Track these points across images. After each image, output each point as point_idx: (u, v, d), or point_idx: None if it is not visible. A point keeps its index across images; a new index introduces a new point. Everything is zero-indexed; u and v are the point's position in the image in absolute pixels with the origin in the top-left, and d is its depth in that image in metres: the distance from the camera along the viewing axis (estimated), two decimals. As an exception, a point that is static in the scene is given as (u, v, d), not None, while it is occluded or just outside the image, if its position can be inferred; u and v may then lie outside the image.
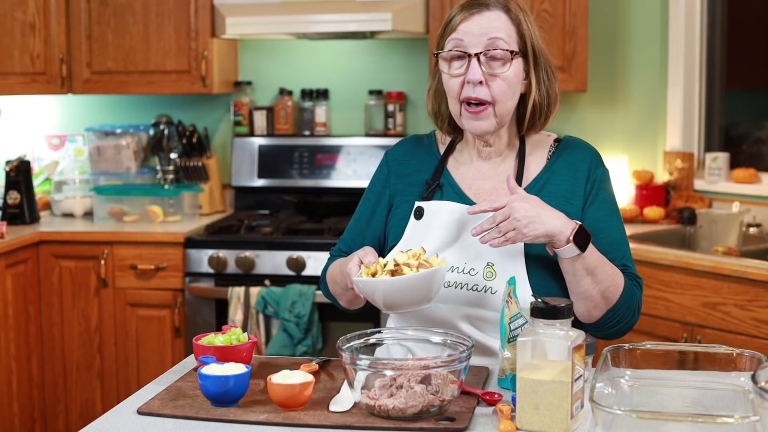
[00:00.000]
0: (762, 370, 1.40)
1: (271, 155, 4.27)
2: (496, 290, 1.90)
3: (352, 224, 2.13)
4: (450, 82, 1.93)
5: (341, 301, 2.07)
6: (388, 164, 2.11)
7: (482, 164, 2.02)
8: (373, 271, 1.79)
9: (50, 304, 3.85)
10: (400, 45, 4.28)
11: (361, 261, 1.83)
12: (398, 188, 2.07)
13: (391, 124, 4.23)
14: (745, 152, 4.04)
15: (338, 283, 2.00)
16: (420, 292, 1.77)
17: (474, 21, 1.90)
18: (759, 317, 3.02)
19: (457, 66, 1.91)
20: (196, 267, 3.76)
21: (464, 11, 1.92)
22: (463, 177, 2.03)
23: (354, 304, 2.06)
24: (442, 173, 2.03)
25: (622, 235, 1.98)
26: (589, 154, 2.01)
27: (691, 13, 3.98)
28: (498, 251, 1.89)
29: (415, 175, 2.05)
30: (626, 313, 1.92)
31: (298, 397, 1.65)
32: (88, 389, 3.87)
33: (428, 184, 2.02)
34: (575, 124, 4.18)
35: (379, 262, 1.80)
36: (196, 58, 4.04)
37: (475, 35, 1.89)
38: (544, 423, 1.54)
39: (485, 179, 2.01)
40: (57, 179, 4.29)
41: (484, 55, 1.89)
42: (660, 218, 3.93)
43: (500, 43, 1.89)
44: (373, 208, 2.09)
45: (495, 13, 1.91)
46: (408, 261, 1.78)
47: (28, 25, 3.99)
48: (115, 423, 1.64)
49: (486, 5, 1.91)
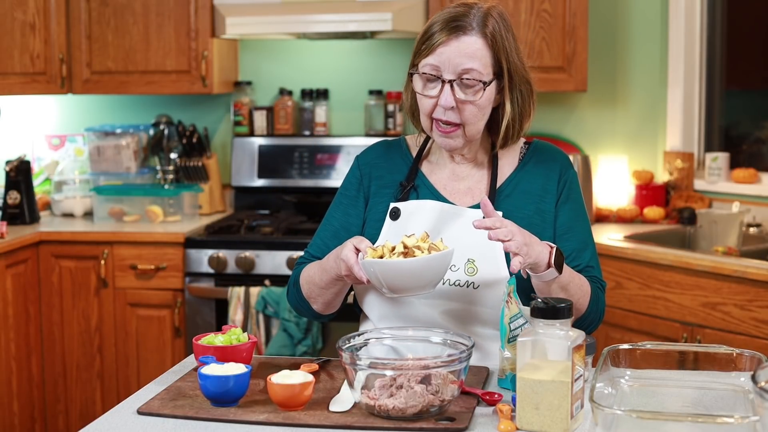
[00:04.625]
0: (762, 370, 1.40)
1: (271, 155, 4.27)
2: (478, 285, 1.92)
3: (323, 229, 2.10)
4: (423, 100, 1.94)
5: (315, 304, 2.04)
6: (360, 167, 2.11)
7: (456, 166, 2.05)
8: (380, 255, 1.78)
9: (50, 304, 3.85)
10: (400, 45, 4.28)
11: (357, 247, 1.82)
12: (372, 190, 2.07)
13: (391, 124, 4.23)
14: (745, 152, 4.04)
15: (317, 282, 1.98)
16: (432, 275, 1.76)
17: (451, 47, 1.89)
18: (759, 317, 3.02)
19: (430, 87, 1.93)
20: (196, 267, 3.76)
21: (443, 32, 1.90)
22: (438, 178, 2.05)
23: (330, 307, 2.04)
24: (416, 175, 2.05)
25: (590, 235, 2.03)
26: (560, 156, 2.06)
27: (691, 13, 3.98)
28: (478, 248, 1.92)
29: (388, 177, 2.07)
30: (593, 318, 1.99)
31: (298, 397, 1.65)
32: (88, 389, 3.87)
33: (403, 186, 2.03)
34: (575, 124, 4.18)
35: (386, 246, 1.79)
36: (196, 58, 4.04)
37: (450, 62, 1.89)
38: (544, 423, 1.54)
39: (459, 180, 2.04)
40: (57, 179, 4.29)
41: (458, 83, 1.90)
42: (660, 218, 3.93)
43: (474, 74, 1.89)
44: (347, 210, 2.08)
45: (472, 39, 1.90)
46: (418, 244, 1.77)
47: (28, 25, 3.99)
48: (115, 423, 1.64)
49: (464, 29, 1.90)
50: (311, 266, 2.02)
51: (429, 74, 1.91)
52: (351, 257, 1.81)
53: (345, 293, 2.04)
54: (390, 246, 1.78)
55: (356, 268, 1.80)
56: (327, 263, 1.94)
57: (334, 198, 2.15)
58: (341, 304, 2.07)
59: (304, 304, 2.06)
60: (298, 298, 2.06)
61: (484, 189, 2.02)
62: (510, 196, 2.00)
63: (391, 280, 1.75)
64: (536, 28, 3.81)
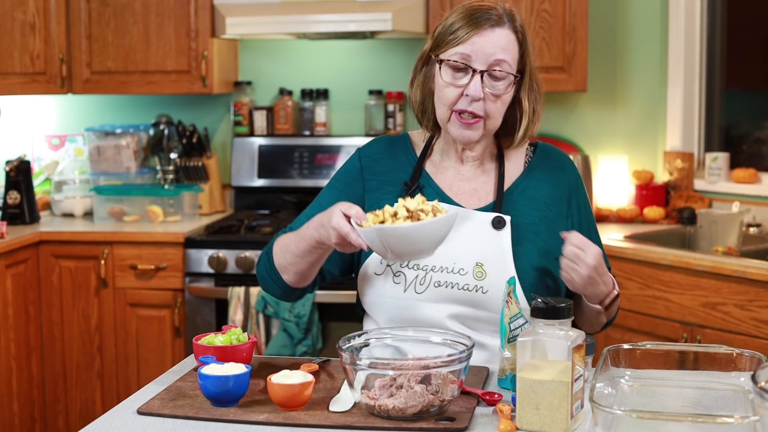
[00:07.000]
0: (762, 370, 1.40)
1: (271, 155, 4.27)
2: (487, 290, 1.90)
3: (311, 209, 2.04)
4: (447, 90, 1.92)
5: (287, 274, 1.96)
6: (361, 159, 2.07)
7: (461, 167, 2.03)
8: (382, 220, 1.72)
9: (50, 304, 3.85)
10: (400, 45, 4.28)
11: (346, 214, 1.75)
12: (372, 185, 2.04)
13: (391, 124, 4.23)
14: (745, 152, 4.04)
15: (292, 250, 1.92)
16: (439, 237, 1.73)
17: (485, 37, 1.88)
18: (759, 317, 3.03)
19: (458, 77, 1.90)
20: (196, 267, 3.76)
21: (474, 24, 1.89)
22: (443, 178, 2.03)
23: (302, 279, 1.97)
24: (420, 174, 2.02)
25: (601, 244, 2.04)
26: (568, 163, 2.06)
27: (691, 13, 3.98)
28: (487, 252, 1.91)
29: (391, 174, 2.04)
30: (610, 322, 2.03)
31: (298, 397, 1.65)
32: (88, 389, 3.87)
33: (408, 185, 2.01)
34: (575, 124, 4.18)
35: (387, 210, 1.72)
36: (196, 58, 4.04)
37: (483, 52, 1.88)
38: (544, 423, 1.54)
39: (465, 181, 2.02)
40: (57, 179, 4.29)
41: (488, 73, 1.89)
42: (660, 218, 3.93)
43: (505, 66, 1.89)
44: (339, 196, 2.03)
45: (505, 32, 1.90)
46: (421, 207, 1.72)
47: (28, 25, 3.99)
48: (115, 423, 1.64)
49: (496, 21, 1.90)
50: (287, 236, 1.97)
51: (459, 63, 1.89)
52: (344, 225, 1.74)
53: (320, 265, 1.96)
54: (391, 210, 1.72)
55: (353, 235, 1.73)
56: (306, 231, 1.87)
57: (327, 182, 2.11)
58: (313, 279, 1.99)
59: (274, 275, 1.98)
60: (268, 267, 1.99)
61: (491, 191, 2.01)
62: (517, 201, 1.99)
63: (397, 246, 1.70)
64: (536, 28, 3.81)
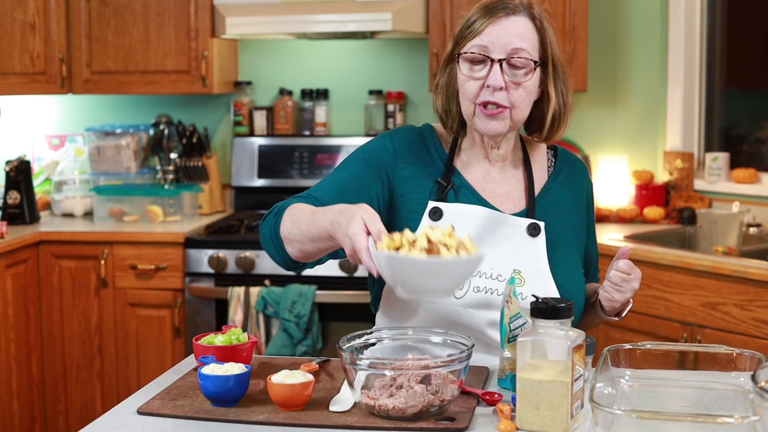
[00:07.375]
0: (762, 370, 1.40)
1: (271, 155, 4.27)
2: (526, 296, 1.85)
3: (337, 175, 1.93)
4: (468, 83, 1.89)
5: (290, 246, 1.81)
6: (394, 145, 1.97)
7: (490, 167, 1.99)
8: (397, 246, 1.51)
9: (50, 304, 3.85)
10: (400, 45, 4.28)
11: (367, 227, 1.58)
12: (403, 174, 1.95)
13: (391, 124, 4.23)
14: (745, 152, 4.04)
15: (302, 229, 1.75)
16: (457, 279, 1.52)
17: (500, 26, 1.87)
18: (759, 317, 3.02)
19: (477, 69, 1.88)
20: (196, 267, 3.76)
21: (489, 15, 1.88)
22: (475, 179, 1.98)
23: (306, 257, 1.82)
24: (453, 173, 1.97)
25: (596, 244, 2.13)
26: (585, 170, 2.09)
27: (691, 13, 3.98)
28: (523, 258, 1.91)
29: (422, 167, 1.97)
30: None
31: (298, 397, 1.65)
32: (88, 389, 3.87)
33: (441, 184, 1.95)
34: (575, 124, 4.17)
35: (406, 236, 1.52)
36: (196, 58, 4.04)
37: (500, 41, 1.86)
38: (544, 423, 1.54)
39: (496, 183, 1.99)
40: (57, 179, 4.29)
41: (507, 62, 1.87)
42: (660, 218, 3.93)
43: (524, 53, 1.87)
44: (367, 170, 1.92)
45: (521, 19, 1.88)
46: (444, 240, 1.51)
47: (28, 25, 3.99)
48: (115, 423, 1.64)
49: (512, 10, 1.88)
50: (301, 209, 1.80)
51: (477, 54, 1.87)
52: (361, 240, 1.56)
53: (328, 252, 1.81)
54: (411, 237, 1.51)
55: (365, 255, 1.56)
56: (321, 218, 1.70)
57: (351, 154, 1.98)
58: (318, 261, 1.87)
59: (278, 243, 1.84)
60: (273, 233, 1.85)
61: (522, 195, 1.98)
62: (548, 209, 1.97)
63: (408, 279, 1.49)
64: (536, 28, 3.81)
